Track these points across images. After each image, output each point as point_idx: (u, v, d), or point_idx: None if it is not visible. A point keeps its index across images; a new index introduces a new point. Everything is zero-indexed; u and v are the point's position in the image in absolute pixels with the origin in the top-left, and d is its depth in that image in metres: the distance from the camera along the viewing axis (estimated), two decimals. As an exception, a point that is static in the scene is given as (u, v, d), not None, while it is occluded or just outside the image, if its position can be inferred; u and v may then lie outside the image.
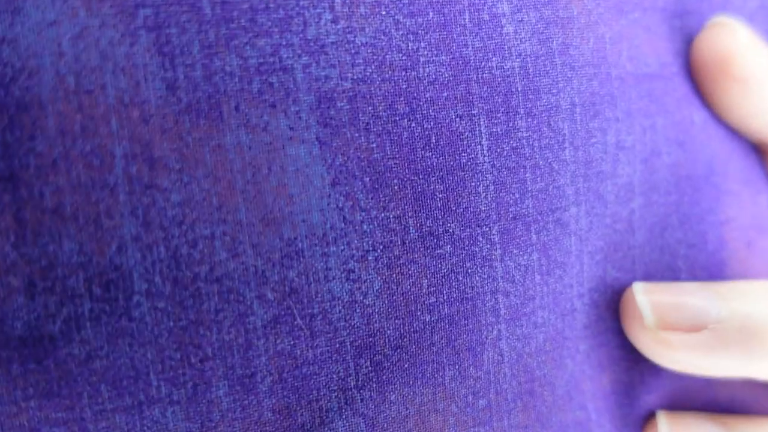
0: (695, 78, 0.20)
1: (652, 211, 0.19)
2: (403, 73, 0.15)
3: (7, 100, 0.12)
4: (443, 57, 0.16)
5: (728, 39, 0.19)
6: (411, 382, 0.16)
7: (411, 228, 0.15)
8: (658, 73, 0.19)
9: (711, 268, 0.20)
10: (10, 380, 0.13)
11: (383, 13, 0.15)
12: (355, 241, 0.15)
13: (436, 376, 0.16)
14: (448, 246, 0.16)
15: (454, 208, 0.16)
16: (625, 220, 0.18)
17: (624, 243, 0.18)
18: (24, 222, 0.13)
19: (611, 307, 0.18)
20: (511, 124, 0.16)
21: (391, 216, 0.15)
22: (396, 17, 0.15)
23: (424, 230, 0.16)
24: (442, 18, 0.16)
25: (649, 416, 0.19)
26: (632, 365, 0.19)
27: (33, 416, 0.13)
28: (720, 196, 0.20)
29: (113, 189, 0.13)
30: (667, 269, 0.19)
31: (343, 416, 0.15)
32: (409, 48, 0.15)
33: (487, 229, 0.16)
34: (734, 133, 0.21)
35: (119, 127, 0.13)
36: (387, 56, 0.15)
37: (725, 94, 0.19)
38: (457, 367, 0.16)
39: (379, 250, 0.15)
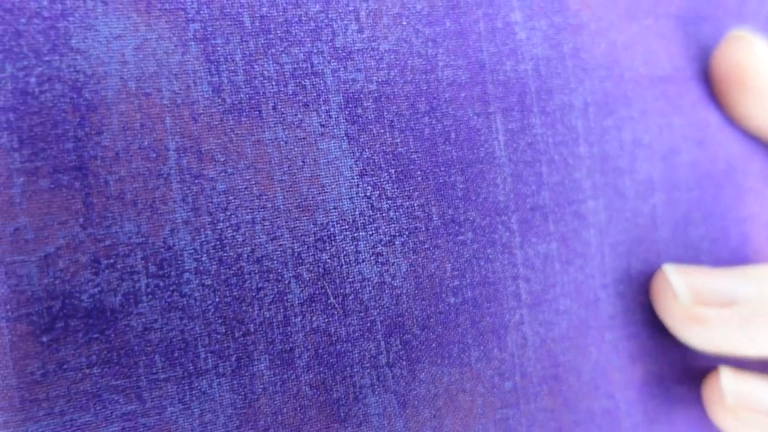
0: (713, 88, 0.21)
1: (674, 207, 0.20)
2: (424, 75, 0.17)
3: (79, 101, 0.14)
4: (460, 61, 0.17)
5: (745, 52, 0.20)
6: (439, 362, 0.17)
7: (434, 215, 0.17)
8: (673, 77, 0.20)
9: (734, 264, 0.20)
10: (77, 348, 0.15)
11: (404, 23, 0.17)
12: (383, 227, 0.16)
13: (462, 356, 0.17)
14: (470, 233, 0.17)
15: (474, 198, 0.17)
16: (647, 215, 0.19)
17: (647, 237, 0.19)
18: (92, 206, 0.15)
19: (638, 300, 0.19)
20: (525, 122, 0.18)
21: (415, 204, 0.17)
22: (416, 26, 0.17)
23: (446, 218, 0.17)
24: (459, 27, 0.17)
25: (681, 407, 0.19)
26: (663, 357, 0.19)
27: (95, 383, 0.15)
28: (741, 194, 0.20)
29: (167, 178, 0.15)
30: (692, 264, 0.20)
31: (376, 392, 0.16)
32: (429, 53, 0.17)
33: (506, 218, 0.17)
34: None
35: (173, 125, 0.15)
36: (408, 61, 0.17)
37: (742, 104, 0.20)
38: (482, 348, 0.17)
39: (405, 236, 0.16)
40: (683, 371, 0.20)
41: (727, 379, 0.18)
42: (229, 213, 0.15)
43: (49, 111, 0.14)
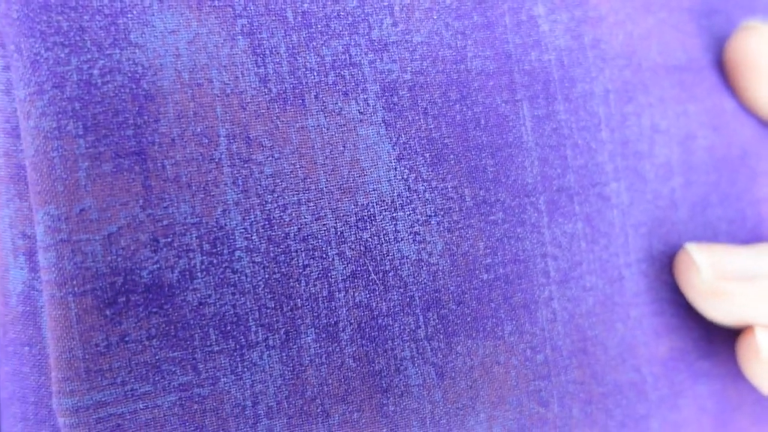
0: (727, 76, 0.22)
1: (692, 190, 0.21)
2: (454, 66, 0.18)
3: (138, 91, 0.16)
4: (488, 52, 0.18)
5: (757, 41, 0.21)
6: (474, 335, 0.18)
7: (467, 197, 0.18)
8: (687, 66, 0.21)
9: (751, 243, 0.21)
10: (137, 321, 0.16)
11: (435, 17, 0.18)
12: (419, 208, 0.17)
13: (496, 330, 0.18)
14: (501, 213, 0.18)
15: (504, 180, 0.18)
16: (667, 197, 0.20)
17: (667, 219, 0.20)
18: (150, 188, 0.16)
19: (661, 278, 0.20)
20: (550, 108, 0.19)
21: (449, 186, 0.18)
22: (446, 20, 0.18)
23: (478, 199, 0.18)
24: (486, 20, 0.18)
25: (705, 381, 0.20)
26: (687, 333, 0.20)
27: (154, 354, 0.16)
28: (755, 177, 0.21)
29: (218, 162, 0.16)
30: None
31: (416, 364, 0.17)
32: (458, 45, 0.18)
33: (534, 199, 0.18)
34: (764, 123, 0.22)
35: (223, 113, 0.16)
36: (440, 52, 0.18)
37: (755, 91, 0.21)
38: (514, 322, 0.18)
39: (440, 216, 0.17)
40: (706, 347, 0.20)
41: (762, 335, 0.19)
42: (276, 195, 0.16)
43: (110, 100, 0.15)
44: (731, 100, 0.21)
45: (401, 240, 0.17)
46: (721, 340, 0.21)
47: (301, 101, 0.17)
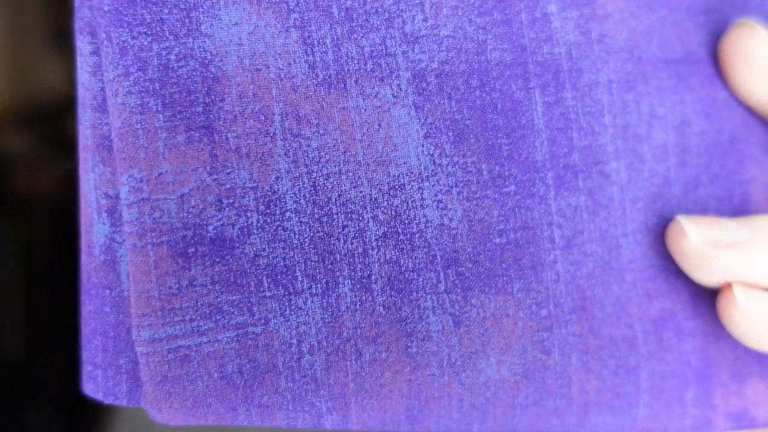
0: (721, 69, 0.24)
1: (685, 170, 0.23)
2: (476, 57, 0.21)
3: (206, 74, 0.18)
4: (506, 45, 0.21)
5: (750, 37, 0.23)
6: (487, 290, 0.21)
7: (484, 171, 0.20)
8: (685, 59, 0.23)
9: (738, 218, 0.24)
10: (204, 269, 0.19)
11: (460, 14, 0.21)
12: (443, 179, 0.20)
13: (506, 287, 0.21)
14: (513, 186, 0.21)
15: (516, 157, 0.21)
16: (662, 176, 0.23)
17: (662, 195, 0.23)
18: (216, 157, 0.19)
19: (654, 248, 0.23)
20: (559, 95, 0.21)
21: (468, 161, 0.20)
22: (470, 17, 0.21)
23: (494, 173, 0.21)
24: (504, 17, 0.21)
25: (690, 338, 0.23)
26: (676, 296, 0.23)
27: (217, 297, 0.19)
28: (743, 160, 0.24)
29: (273, 136, 0.19)
30: (700, 219, 0.23)
31: (436, 314, 0.20)
32: (480, 39, 0.21)
33: (543, 174, 0.21)
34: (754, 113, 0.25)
35: (277, 94, 0.19)
36: (463, 45, 0.20)
37: (747, 82, 0.24)
38: (522, 281, 0.21)
39: (460, 186, 0.20)
40: (693, 309, 0.23)
41: (738, 288, 0.21)
42: (321, 165, 0.19)
43: (184, 82, 0.18)
44: (723, 90, 0.24)
45: (426, 207, 0.20)
46: (706, 304, 0.23)
47: (343, 85, 0.19)
